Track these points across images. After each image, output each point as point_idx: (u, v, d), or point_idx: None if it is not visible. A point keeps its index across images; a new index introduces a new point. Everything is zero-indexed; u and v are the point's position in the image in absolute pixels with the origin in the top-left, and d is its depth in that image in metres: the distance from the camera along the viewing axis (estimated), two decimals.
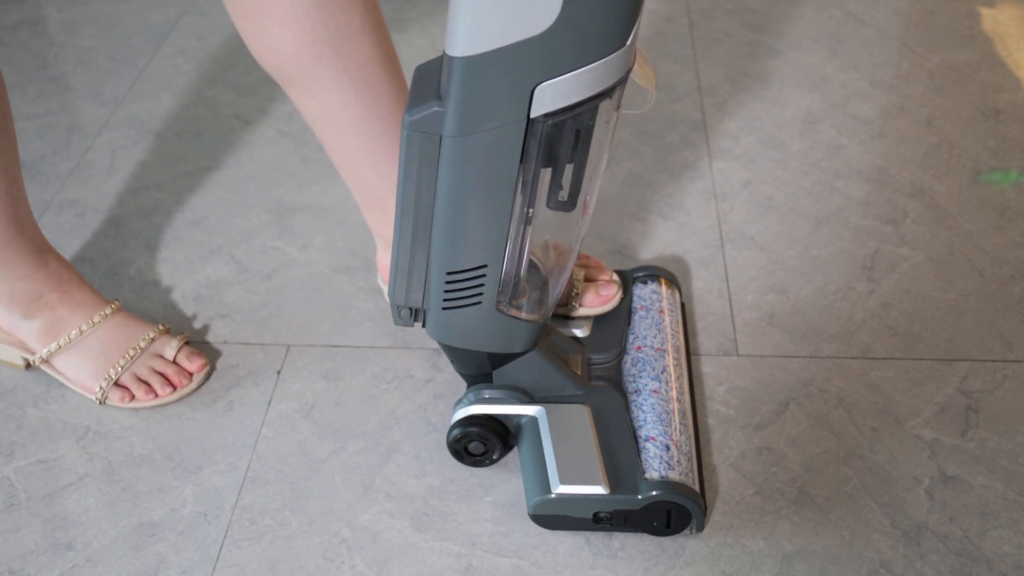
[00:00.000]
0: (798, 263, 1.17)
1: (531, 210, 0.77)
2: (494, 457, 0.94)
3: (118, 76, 1.58)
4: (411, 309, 0.86)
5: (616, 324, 1.00)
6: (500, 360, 0.90)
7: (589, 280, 1.01)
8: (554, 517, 0.87)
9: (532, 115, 0.69)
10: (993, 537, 0.88)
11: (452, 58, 0.67)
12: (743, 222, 1.23)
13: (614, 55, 0.66)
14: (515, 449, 0.95)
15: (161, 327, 1.05)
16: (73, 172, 1.37)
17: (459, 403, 0.92)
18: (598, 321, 1.01)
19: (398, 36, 1.62)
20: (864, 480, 0.93)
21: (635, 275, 1.06)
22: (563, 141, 0.72)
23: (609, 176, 1.32)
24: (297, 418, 1.01)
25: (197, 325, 1.12)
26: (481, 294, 0.82)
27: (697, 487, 0.87)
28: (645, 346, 0.97)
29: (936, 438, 0.96)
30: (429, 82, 0.73)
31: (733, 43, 1.59)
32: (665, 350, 0.97)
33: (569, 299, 1.00)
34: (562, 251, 0.86)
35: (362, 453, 0.97)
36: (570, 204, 0.78)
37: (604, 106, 0.71)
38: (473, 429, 0.91)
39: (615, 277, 1.03)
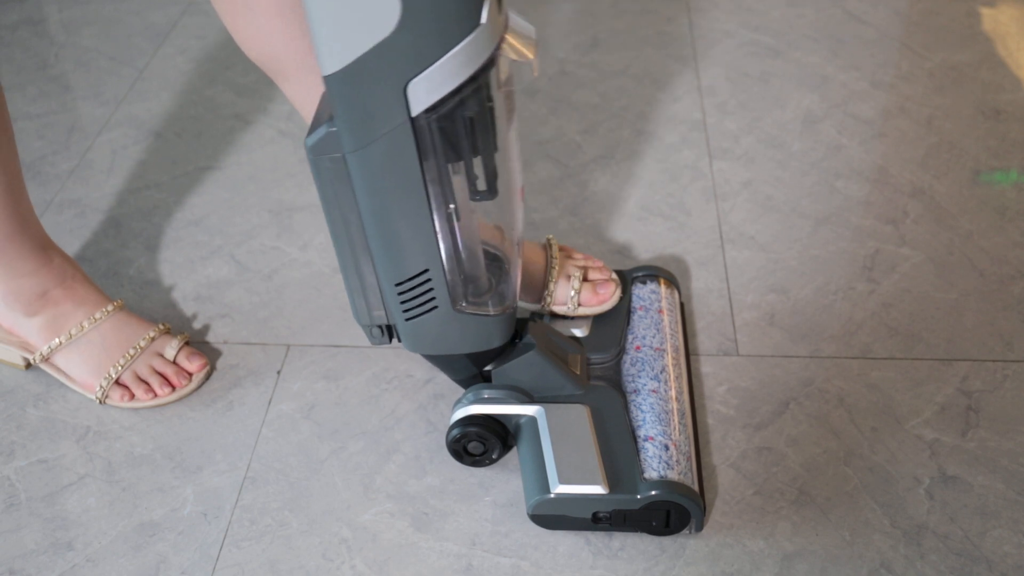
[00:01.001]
0: (798, 263, 1.17)
1: (453, 206, 0.77)
2: (493, 457, 0.94)
3: (118, 76, 1.58)
4: (381, 327, 0.87)
5: (615, 324, 1.00)
6: (482, 359, 0.90)
7: (588, 280, 1.01)
8: (553, 517, 0.87)
9: (413, 114, 0.69)
10: (993, 537, 0.88)
11: (326, 77, 0.68)
12: (743, 222, 1.23)
13: (472, 36, 0.66)
14: (515, 449, 0.95)
15: (162, 327, 1.05)
16: (73, 172, 1.37)
17: (458, 403, 0.92)
18: (597, 321, 1.01)
19: None
20: (864, 480, 0.93)
21: (634, 275, 1.06)
22: (458, 132, 0.72)
23: (609, 176, 1.32)
24: (297, 418, 1.01)
25: (197, 325, 1.12)
26: (434, 298, 0.82)
27: (696, 487, 0.87)
28: (644, 346, 0.97)
29: (936, 438, 0.96)
30: (325, 106, 0.74)
31: (733, 43, 1.59)
32: (664, 350, 0.97)
33: (567, 299, 1.00)
34: (508, 240, 0.86)
35: (362, 453, 0.98)
36: (491, 193, 0.77)
37: (487, 88, 0.71)
38: (472, 429, 0.91)
39: (614, 276, 1.03)
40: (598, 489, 0.85)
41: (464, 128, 0.72)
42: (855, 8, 1.66)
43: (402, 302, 0.83)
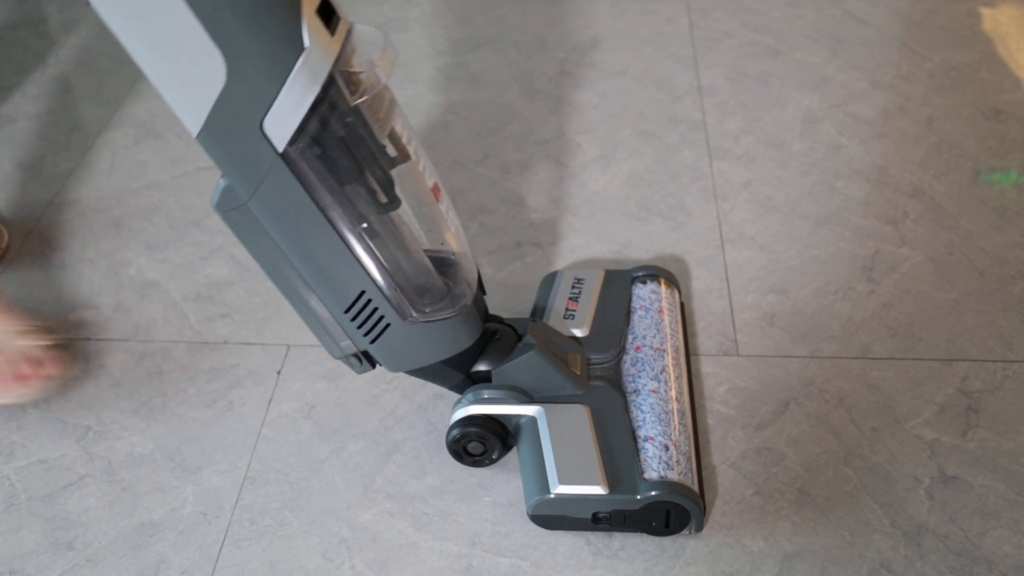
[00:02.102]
0: (798, 263, 1.17)
1: (364, 225, 0.78)
2: (493, 457, 0.94)
3: (118, 76, 1.58)
4: (356, 356, 0.88)
5: (615, 324, 1.00)
6: (463, 363, 0.90)
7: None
8: (553, 517, 0.87)
9: (280, 150, 0.71)
10: (993, 537, 0.88)
11: (196, 139, 0.71)
12: (743, 222, 1.23)
13: (300, 63, 0.68)
14: (514, 449, 0.95)
15: (29, 324, 1.01)
16: (73, 172, 1.37)
17: (458, 403, 0.92)
18: (597, 321, 1.01)
19: (398, 36, 1.63)
20: (864, 480, 0.93)
21: (634, 275, 1.06)
22: (330, 155, 0.74)
23: (609, 176, 1.32)
24: (297, 418, 1.01)
25: (197, 325, 1.12)
26: (383, 316, 0.83)
27: (696, 487, 0.87)
28: (644, 346, 0.97)
29: (936, 438, 0.96)
30: None
31: (733, 43, 1.59)
32: (664, 350, 0.97)
33: None
34: (445, 240, 0.86)
35: (362, 453, 0.98)
36: (393, 204, 0.78)
37: (341, 104, 0.71)
38: (472, 429, 0.91)
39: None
40: (598, 489, 0.85)
41: (334, 148, 0.73)
42: (855, 8, 1.66)
43: (357, 327, 0.84)
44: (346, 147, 0.74)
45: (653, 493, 0.84)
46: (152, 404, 1.03)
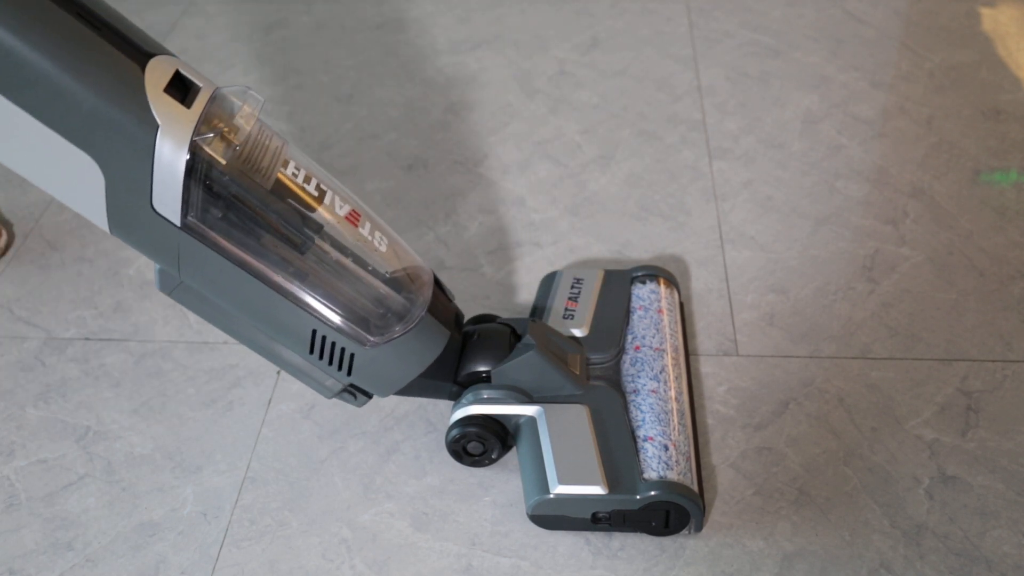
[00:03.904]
0: (798, 263, 1.17)
1: (291, 268, 0.79)
2: (493, 457, 0.94)
3: None
4: (347, 391, 0.88)
5: (615, 324, 1.00)
6: (442, 371, 0.90)
7: None
8: (553, 517, 0.87)
9: (178, 224, 0.73)
10: (993, 537, 0.88)
11: (112, 234, 0.75)
12: (743, 222, 1.23)
13: (158, 142, 0.69)
14: (514, 449, 0.95)
15: None
16: None
17: (458, 403, 0.92)
18: (597, 321, 1.01)
19: (398, 36, 1.63)
20: (864, 480, 0.93)
21: (634, 275, 1.06)
22: (232, 214, 0.75)
23: (609, 176, 1.32)
24: (297, 418, 1.01)
25: (197, 325, 1.12)
26: (344, 348, 0.84)
27: (696, 487, 0.87)
28: (644, 346, 0.97)
29: (936, 438, 0.96)
30: None
31: (733, 43, 1.59)
32: (664, 350, 0.97)
33: None
34: (380, 256, 0.86)
35: (362, 453, 0.98)
36: (304, 244, 0.79)
37: (215, 166, 0.73)
38: (472, 429, 0.91)
39: None
40: (597, 489, 0.85)
41: (229, 208, 0.75)
42: (855, 8, 1.66)
43: (328, 364, 0.85)
44: (239, 203, 0.75)
45: (652, 493, 0.84)
46: (152, 404, 1.03)
